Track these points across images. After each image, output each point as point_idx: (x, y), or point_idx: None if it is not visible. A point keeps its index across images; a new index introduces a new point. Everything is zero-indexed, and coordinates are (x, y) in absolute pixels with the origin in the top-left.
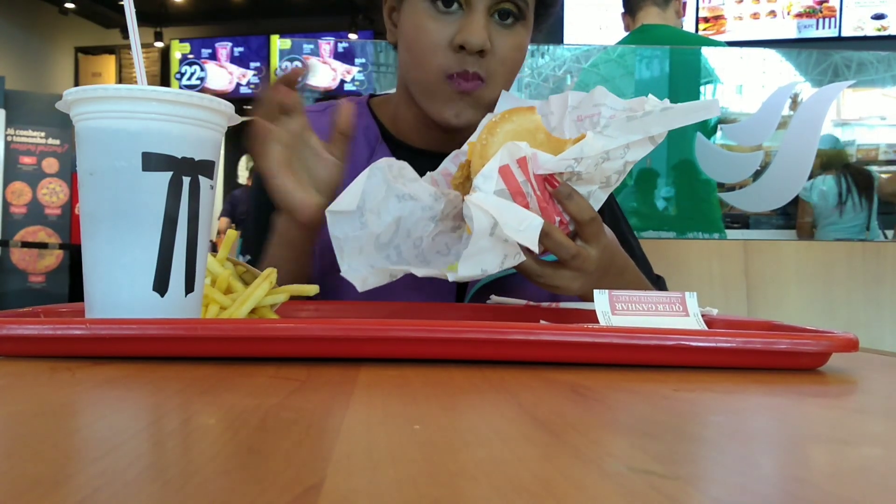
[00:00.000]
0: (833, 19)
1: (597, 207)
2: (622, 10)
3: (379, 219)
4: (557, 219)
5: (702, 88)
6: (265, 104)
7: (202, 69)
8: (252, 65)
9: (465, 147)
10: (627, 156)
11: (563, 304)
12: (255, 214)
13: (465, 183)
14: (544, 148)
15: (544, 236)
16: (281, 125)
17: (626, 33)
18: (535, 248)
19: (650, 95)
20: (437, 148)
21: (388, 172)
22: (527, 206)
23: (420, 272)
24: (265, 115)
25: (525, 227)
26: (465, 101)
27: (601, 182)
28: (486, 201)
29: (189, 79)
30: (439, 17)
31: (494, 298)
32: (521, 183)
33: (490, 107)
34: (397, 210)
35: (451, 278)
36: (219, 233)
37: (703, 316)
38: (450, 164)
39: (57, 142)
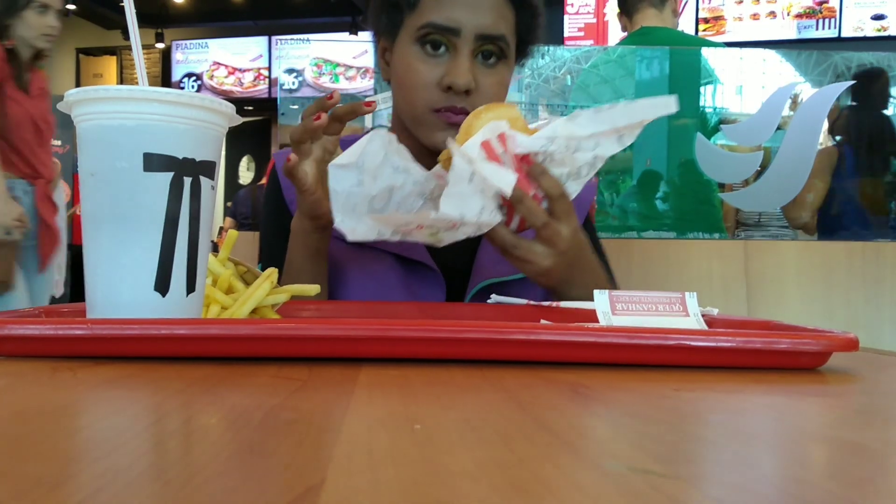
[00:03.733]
0: (833, 20)
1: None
2: (617, 10)
3: (374, 182)
4: (532, 192)
5: (702, 89)
6: (303, 127)
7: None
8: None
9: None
10: (597, 150)
11: (563, 304)
12: (272, 230)
13: (451, 160)
14: (522, 133)
15: (518, 201)
16: (316, 145)
17: (624, 34)
18: (509, 193)
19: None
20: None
21: (389, 144)
22: None
23: (405, 217)
24: (301, 135)
25: (501, 176)
26: (455, 129)
27: (572, 170)
28: (471, 151)
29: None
30: (427, 60)
31: (495, 298)
32: (500, 155)
33: None
34: (391, 179)
35: (432, 216)
36: (221, 230)
37: (703, 316)
38: (439, 168)
39: (58, 143)
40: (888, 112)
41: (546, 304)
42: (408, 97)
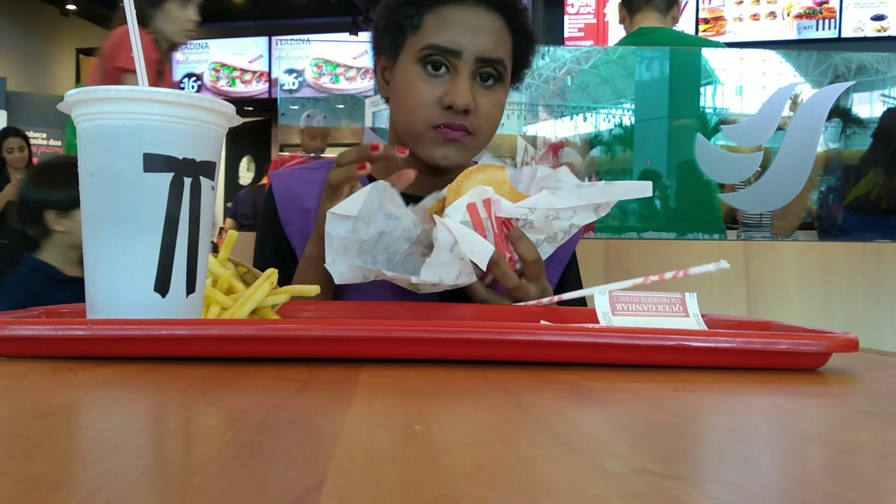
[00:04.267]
0: (833, 20)
1: (543, 258)
2: (619, 1)
3: (367, 228)
4: (508, 255)
5: (702, 90)
6: (346, 173)
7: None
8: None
9: (444, 191)
10: (574, 219)
11: (566, 296)
12: (268, 248)
13: (439, 213)
14: (508, 198)
15: (494, 265)
16: (346, 185)
17: (622, 26)
18: (484, 268)
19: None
20: (424, 193)
21: (384, 193)
22: (485, 238)
23: (389, 275)
24: (343, 181)
25: (479, 250)
26: (453, 145)
27: (549, 236)
28: (453, 224)
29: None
30: (429, 79)
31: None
32: (483, 219)
33: (474, 152)
34: (383, 225)
35: (413, 280)
36: (221, 231)
37: (703, 317)
38: (428, 201)
39: (58, 143)
40: None
41: (546, 300)
42: (408, 114)
